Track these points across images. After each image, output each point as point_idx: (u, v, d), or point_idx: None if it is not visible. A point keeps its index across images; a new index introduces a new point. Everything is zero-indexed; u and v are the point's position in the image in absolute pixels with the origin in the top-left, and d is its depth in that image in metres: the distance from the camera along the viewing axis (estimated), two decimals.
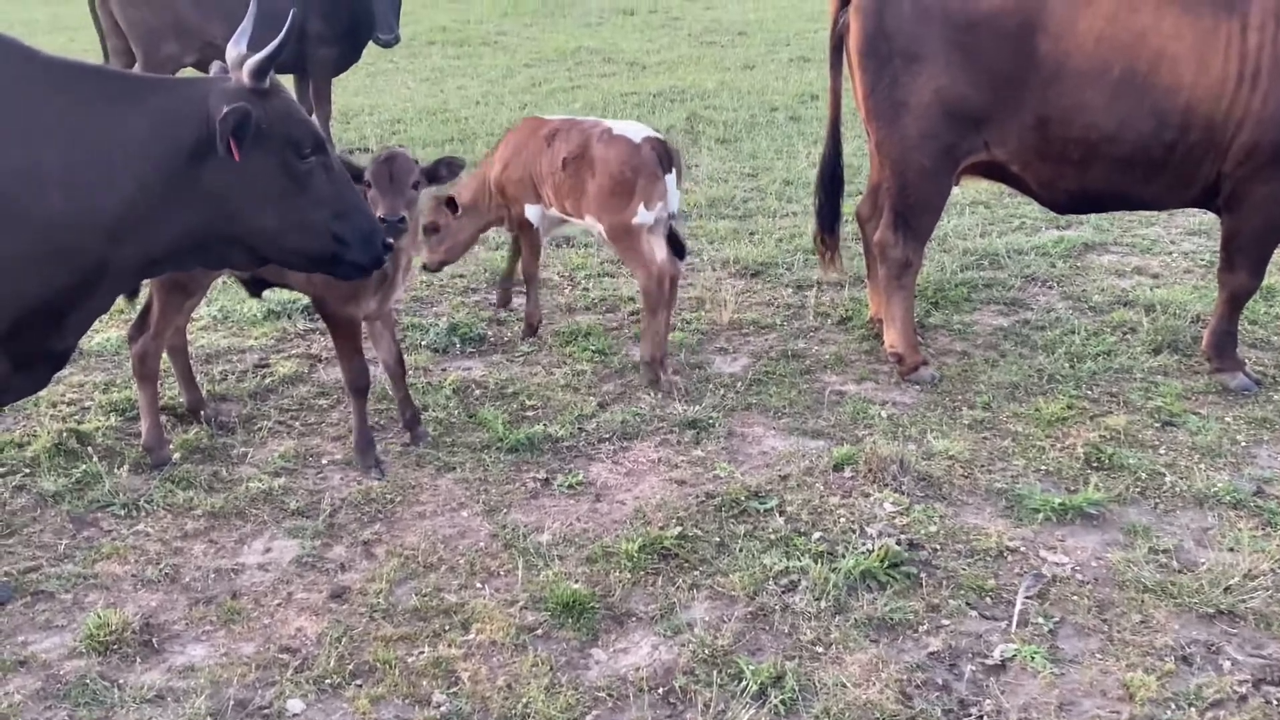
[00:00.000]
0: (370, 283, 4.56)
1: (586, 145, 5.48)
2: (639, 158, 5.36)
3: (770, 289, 6.70)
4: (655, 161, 5.37)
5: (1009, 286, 6.67)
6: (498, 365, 5.74)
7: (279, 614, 3.85)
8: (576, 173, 5.48)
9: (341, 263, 3.92)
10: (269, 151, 3.63)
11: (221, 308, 6.24)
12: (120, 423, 5.06)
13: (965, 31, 5.12)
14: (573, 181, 5.50)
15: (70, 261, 3.55)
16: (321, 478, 4.71)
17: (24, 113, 3.47)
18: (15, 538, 4.26)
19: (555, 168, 5.56)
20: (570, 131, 5.61)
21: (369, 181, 4.41)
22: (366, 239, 3.89)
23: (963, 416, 5.16)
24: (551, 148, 5.62)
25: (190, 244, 3.73)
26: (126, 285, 3.88)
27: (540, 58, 13.81)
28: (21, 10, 16.94)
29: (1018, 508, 4.45)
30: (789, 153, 9.50)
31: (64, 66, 3.62)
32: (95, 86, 3.60)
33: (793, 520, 4.33)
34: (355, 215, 3.88)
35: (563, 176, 5.52)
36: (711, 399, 5.34)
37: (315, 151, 3.73)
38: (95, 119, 3.53)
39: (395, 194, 4.41)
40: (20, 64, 3.53)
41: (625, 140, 5.42)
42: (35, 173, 3.42)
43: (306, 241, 3.82)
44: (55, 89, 3.53)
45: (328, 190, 3.79)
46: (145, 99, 3.60)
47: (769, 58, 13.89)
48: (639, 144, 5.40)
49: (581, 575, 4.02)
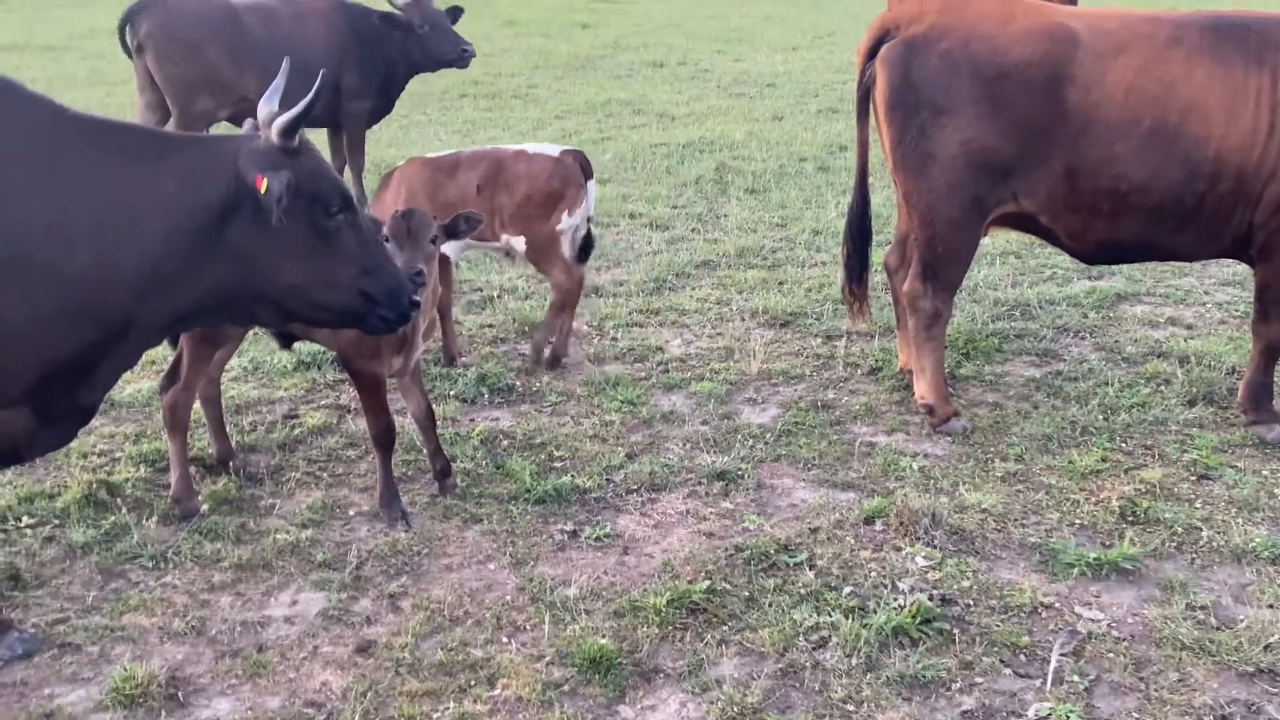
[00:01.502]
0: (392, 340, 4.59)
1: (500, 168, 5.98)
2: (564, 169, 5.98)
3: (799, 339, 6.68)
4: (579, 171, 6.01)
5: (1041, 337, 6.62)
6: (526, 415, 5.73)
7: (304, 668, 3.83)
8: (492, 196, 5.94)
9: (369, 319, 3.93)
10: (298, 210, 3.65)
11: (252, 359, 6.27)
12: (150, 474, 5.07)
13: (993, 83, 5.12)
14: (490, 205, 5.93)
15: (96, 317, 3.55)
16: (349, 529, 4.70)
17: (53, 170, 3.48)
18: (44, 589, 4.26)
19: (466, 196, 5.95)
20: (477, 160, 6.09)
21: (387, 237, 4.44)
22: (393, 295, 3.90)
23: (995, 469, 5.11)
24: (457, 179, 6.03)
25: (217, 301, 3.74)
26: (154, 341, 3.88)
27: (571, 110, 13.92)
28: (59, 66, 17.23)
29: (1052, 562, 4.38)
30: (818, 203, 9.51)
31: (92, 123, 3.64)
32: (123, 143, 3.62)
33: (823, 574, 4.29)
34: (382, 272, 3.89)
35: (477, 202, 5.90)
36: (740, 450, 5.31)
37: (343, 209, 3.75)
38: (123, 176, 3.54)
39: (413, 249, 4.44)
40: (49, 120, 3.55)
41: (545, 156, 6.03)
42: (63, 230, 3.43)
43: (334, 298, 3.83)
44: (83, 145, 3.55)
45: (355, 247, 3.81)
46: (173, 156, 3.63)
47: (797, 109, 13.94)
48: (559, 157, 6.02)
49: (609, 630, 3.98)
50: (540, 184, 5.95)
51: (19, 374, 3.49)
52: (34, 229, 3.40)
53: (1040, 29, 5.18)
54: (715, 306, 7.21)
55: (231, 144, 3.73)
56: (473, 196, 5.97)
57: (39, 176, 3.46)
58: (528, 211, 5.94)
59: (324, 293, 3.81)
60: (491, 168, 6.03)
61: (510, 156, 6.08)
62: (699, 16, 24.04)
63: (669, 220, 9.11)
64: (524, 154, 6.08)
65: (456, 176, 6.06)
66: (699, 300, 7.30)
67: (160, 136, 3.87)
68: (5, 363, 3.45)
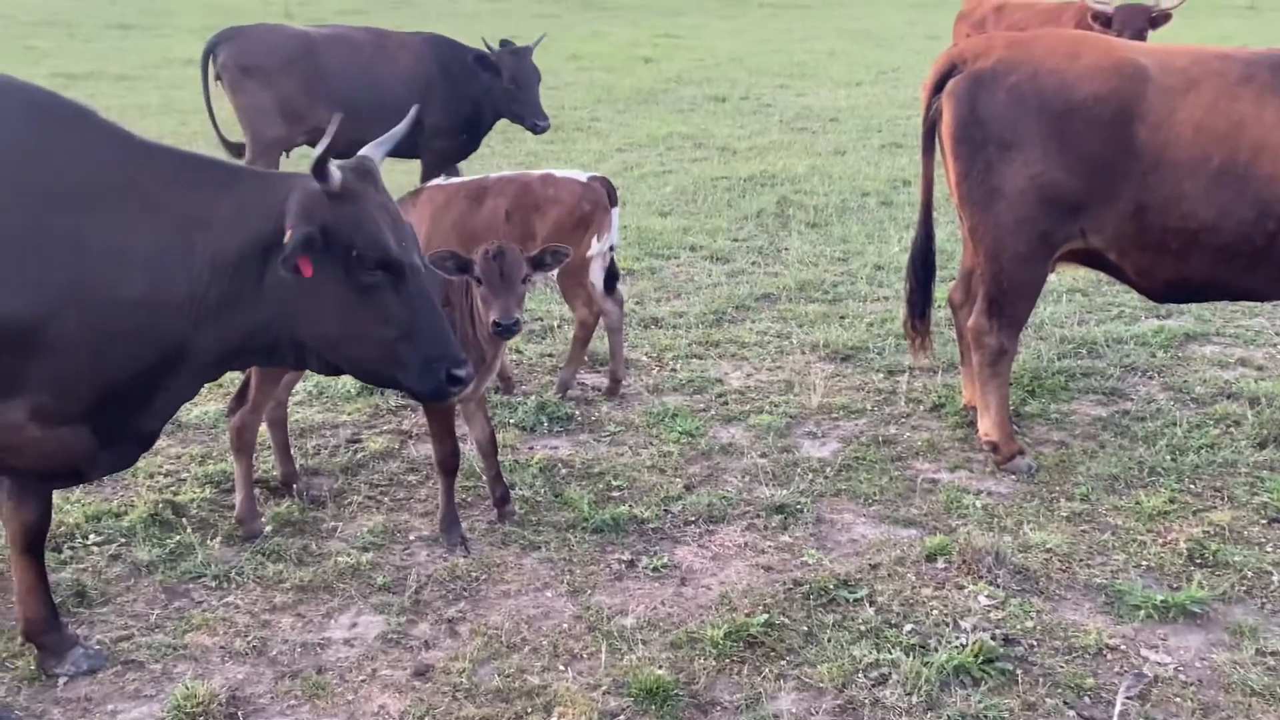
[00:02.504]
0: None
1: (529, 192, 5.98)
2: (592, 193, 6.01)
3: (861, 374, 6.64)
4: (605, 196, 6.06)
5: (1108, 376, 6.53)
6: (584, 444, 5.75)
7: (363, 690, 3.85)
8: (523, 221, 5.92)
9: (399, 386, 3.83)
10: (329, 260, 3.54)
11: (317, 383, 6.34)
12: (215, 494, 5.14)
13: (1061, 119, 5.08)
14: (520, 230, 5.92)
15: (152, 342, 3.55)
16: (408, 554, 4.73)
17: (119, 195, 3.52)
18: (109, 606, 4.33)
19: (496, 223, 5.95)
20: (505, 186, 6.09)
21: (479, 278, 4.44)
22: (426, 368, 3.68)
23: (1060, 508, 5.04)
24: (483, 206, 6.02)
25: (264, 340, 3.69)
26: (211, 374, 3.83)
27: (632, 143, 13.99)
28: (133, 95, 17.62)
29: (1118, 604, 4.31)
30: (880, 237, 9.47)
31: (159, 151, 3.68)
32: (186, 171, 3.64)
33: (883, 611, 4.24)
34: (423, 340, 3.67)
35: (506, 230, 5.89)
36: (800, 483, 5.28)
37: (383, 266, 3.58)
38: (183, 205, 3.55)
39: (508, 293, 4.42)
40: (119, 147, 3.61)
41: (573, 180, 6.07)
42: (123, 254, 3.47)
43: (366, 356, 3.71)
44: (149, 173, 3.57)
45: (395, 308, 3.62)
46: (232, 187, 3.62)
47: (860, 143, 13.92)
48: (587, 182, 6.07)
49: (665, 661, 3.97)
50: (571, 207, 5.96)
51: (79, 394, 3.53)
52: (94, 252, 3.45)
53: (1109, 65, 5.14)
54: (775, 340, 7.19)
55: (289, 183, 3.66)
56: (502, 223, 5.97)
57: (106, 201, 3.50)
58: (559, 236, 5.87)
59: (357, 348, 3.69)
60: (520, 193, 6.03)
61: (538, 180, 6.10)
62: (762, 52, 24.11)
63: (729, 253, 9.12)
64: (551, 178, 6.13)
65: (484, 203, 6.05)
66: (759, 333, 7.29)
67: (226, 168, 3.85)
68: (65, 382, 3.50)
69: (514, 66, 9.09)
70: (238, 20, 10.63)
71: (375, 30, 9.85)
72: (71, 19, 28.30)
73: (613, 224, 6.12)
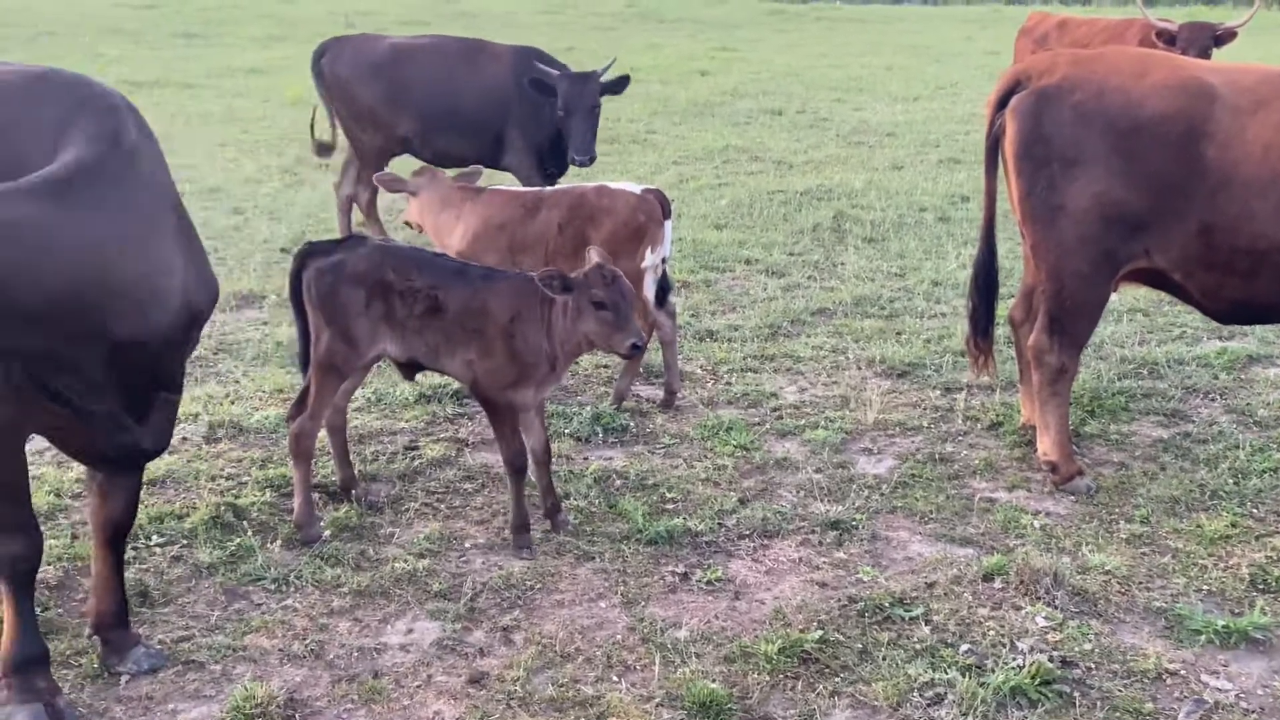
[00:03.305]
0: (539, 372, 4.72)
1: (583, 204, 6.01)
2: (647, 205, 6.01)
3: (917, 390, 6.60)
4: (659, 208, 6.05)
5: (1169, 397, 6.45)
6: (639, 456, 5.76)
7: (418, 695, 3.88)
8: (577, 233, 5.92)
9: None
10: None
11: (375, 390, 6.41)
12: (274, 498, 5.20)
13: (1127, 137, 5.04)
14: (574, 242, 5.92)
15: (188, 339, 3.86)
16: (464, 561, 4.76)
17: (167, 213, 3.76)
18: (170, 606, 4.39)
19: (548, 234, 6.00)
20: (560, 198, 6.12)
21: (603, 303, 4.57)
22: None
23: (1120, 530, 4.98)
24: (536, 217, 6.05)
25: None
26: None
27: (688, 155, 14.01)
28: (197, 103, 17.90)
29: (1178, 628, 4.25)
30: (938, 253, 9.42)
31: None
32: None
33: (939, 630, 4.21)
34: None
35: (559, 242, 5.94)
36: (855, 500, 5.26)
37: None
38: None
39: (631, 314, 4.66)
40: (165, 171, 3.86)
41: (628, 192, 6.08)
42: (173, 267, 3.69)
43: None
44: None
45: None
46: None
47: (918, 158, 13.85)
48: (641, 194, 6.06)
49: (719, 675, 3.96)
50: (626, 219, 5.97)
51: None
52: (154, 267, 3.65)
53: (1176, 83, 5.08)
54: (831, 355, 7.17)
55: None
56: (554, 235, 6.01)
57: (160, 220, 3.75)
58: (614, 247, 5.85)
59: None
60: (575, 204, 6.06)
61: (593, 192, 6.13)
62: (819, 66, 24.07)
63: (785, 267, 9.10)
64: (606, 189, 6.15)
65: (538, 214, 6.08)
66: (814, 348, 7.27)
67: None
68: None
69: (568, 92, 8.54)
70: (300, 30, 10.80)
71: (473, 42, 9.67)
72: (137, 27, 28.81)
73: (666, 236, 6.13)
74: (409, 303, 4.73)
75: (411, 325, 4.75)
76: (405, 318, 4.74)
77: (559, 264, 5.83)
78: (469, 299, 4.73)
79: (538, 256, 6.03)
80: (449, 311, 4.72)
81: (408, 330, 4.77)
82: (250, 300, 8.19)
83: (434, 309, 4.73)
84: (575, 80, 8.63)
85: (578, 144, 8.61)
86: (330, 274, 4.77)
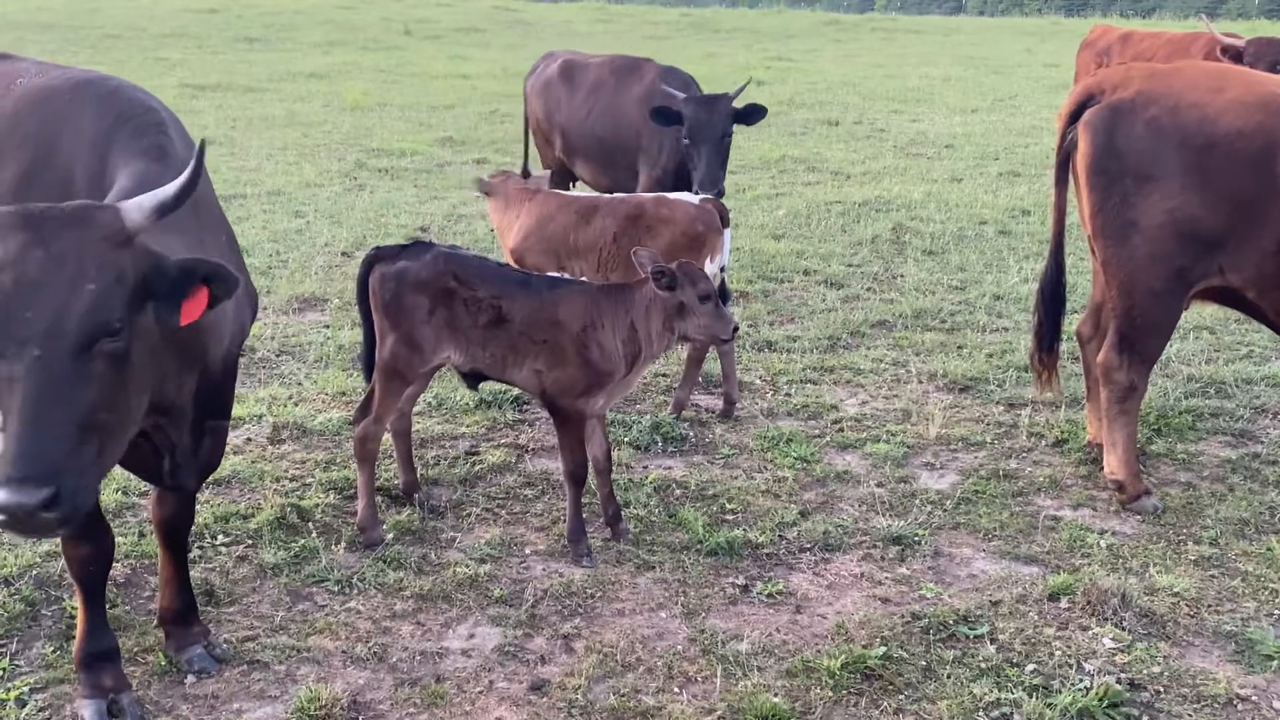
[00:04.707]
0: (610, 381, 4.73)
1: (641, 214, 5.98)
2: (705, 215, 5.98)
3: (980, 405, 6.54)
4: (717, 218, 6.02)
5: (1237, 417, 6.34)
6: (699, 466, 5.74)
7: (480, 701, 3.88)
8: (634, 242, 5.82)
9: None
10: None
11: (436, 395, 6.44)
12: (338, 500, 5.24)
13: (1202, 153, 4.96)
14: (629, 253, 5.80)
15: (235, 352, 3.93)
16: (525, 567, 4.76)
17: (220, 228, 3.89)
18: (236, 606, 4.43)
19: (601, 242, 5.98)
20: (617, 207, 6.09)
21: (707, 295, 4.65)
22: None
23: (1188, 551, 4.90)
24: (591, 224, 6.03)
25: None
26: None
27: (745, 165, 13.98)
28: (259, 107, 18.11)
29: (1249, 653, 4.18)
30: (999, 267, 9.33)
31: None
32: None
33: (1005, 649, 4.16)
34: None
35: (611, 250, 5.92)
36: (917, 515, 5.21)
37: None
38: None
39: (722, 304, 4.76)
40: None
41: (686, 202, 6.06)
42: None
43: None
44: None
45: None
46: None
47: (977, 171, 13.74)
48: (699, 204, 6.05)
49: (781, 689, 3.94)
50: (684, 228, 5.93)
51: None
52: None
53: (1253, 99, 5.00)
54: (891, 367, 7.12)
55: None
56: (608, 244, 5.99)
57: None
58: (672, 257, 5.67)
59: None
60: (632, 213, 6.03)
61: (651, 202, 6.11)
62: (876, 76, 23.96)
63: (844, 278, 9.06)
64: (665, 199, 6.14)
65: (593, 222, 6.06)
66: (874, 360, 7.22)
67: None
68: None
69: (693, 118, 7.40)
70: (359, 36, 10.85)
71: (630, 59, 9.03)
72: (200, 31, 29.24)
73: (724, 246, 6.12)
74: (473, 312, 4.74)
75: (475, 336, 4.76)
76: (469, 327, 4.76)
77: (611, 273, 5.86)
78: (537, 310, 4.74)
79: (590, 263, 6.04)
80: (514, 322, 4.73)
81: (471, 341, 4.77)
82: (312, 303, 8.27)
83: (498, 320, 4.73)
84: (702, 103, 7.56)
85: (703, 173, 7.39)
86: (394, 280, 4.80)
